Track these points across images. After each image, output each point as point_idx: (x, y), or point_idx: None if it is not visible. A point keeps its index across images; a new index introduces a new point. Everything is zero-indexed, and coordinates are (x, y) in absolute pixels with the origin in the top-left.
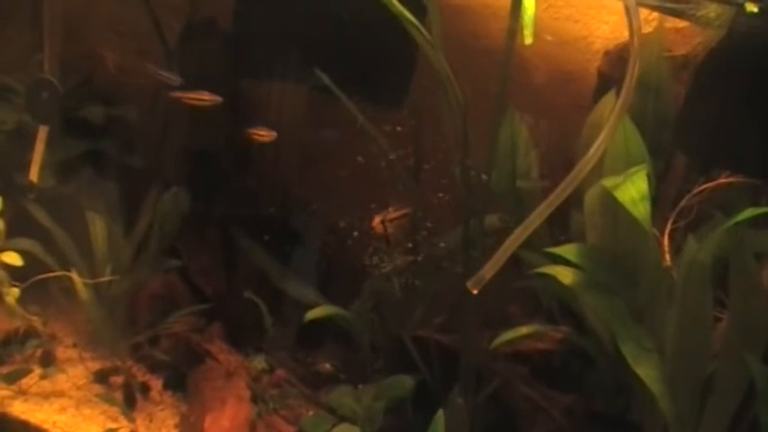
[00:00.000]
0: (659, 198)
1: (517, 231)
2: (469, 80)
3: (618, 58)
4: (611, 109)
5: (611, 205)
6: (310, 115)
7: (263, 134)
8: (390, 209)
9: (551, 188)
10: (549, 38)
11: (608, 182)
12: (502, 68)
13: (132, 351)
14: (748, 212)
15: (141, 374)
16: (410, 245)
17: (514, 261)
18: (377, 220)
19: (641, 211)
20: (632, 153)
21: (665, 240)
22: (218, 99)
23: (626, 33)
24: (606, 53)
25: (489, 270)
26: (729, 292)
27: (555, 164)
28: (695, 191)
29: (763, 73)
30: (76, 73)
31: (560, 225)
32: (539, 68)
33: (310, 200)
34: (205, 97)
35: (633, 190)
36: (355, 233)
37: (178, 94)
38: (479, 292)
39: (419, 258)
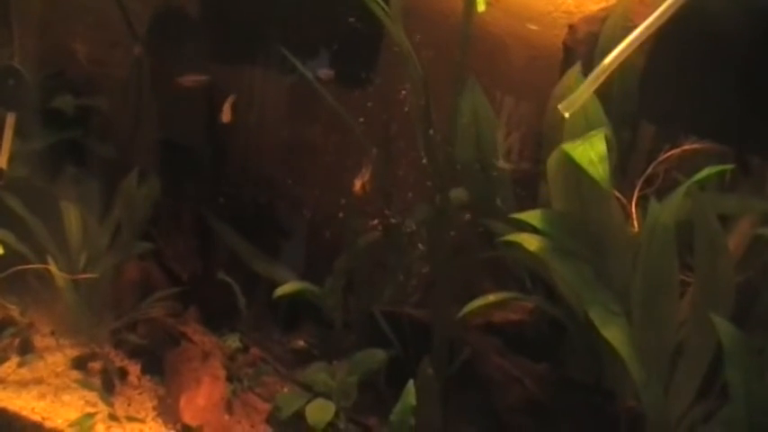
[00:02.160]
0: (628, 168)
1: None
2: (437, 57)
3: (582, 32)
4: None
5: (574, 171)
6: (282, 98)
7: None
8: (363, 170)
9: (529, 170)
10: (533, 27)
11: (567, 146)
12: (462, 38)
13: (110, 337)
14: (705, 171)
15: (119, 360)
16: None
17: (485, 233)
18: (358, 183)
19: (600, 171)
20: (591, 119)
21: (633, 208)
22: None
23: (591, 7)
24: (570, 27)
25: (581, 93)
26: (695, 255)
27: (522, 137)
28: (660, 158)
29: (720, 36)
30: (48, 65)
31: (529, 198)
32: (505, 45)
33: (284, 182)
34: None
35: (592, 152)
36: (331, 211)
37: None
38: (451, 267)
39: (389, 233)
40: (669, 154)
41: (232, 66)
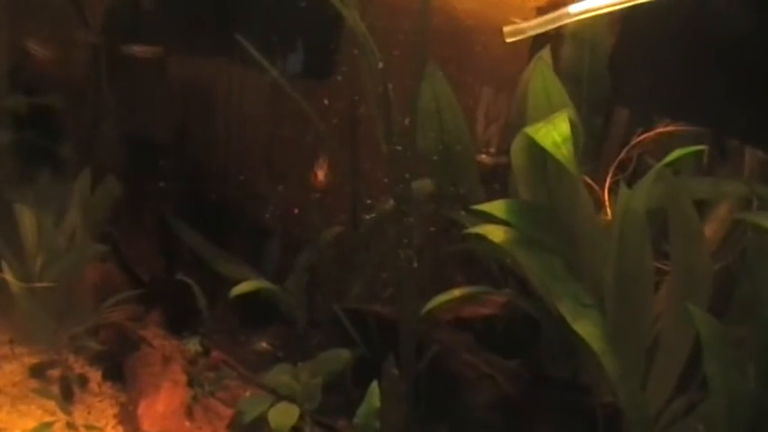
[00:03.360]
0: (600, 154)
1: None
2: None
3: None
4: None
5: (539, 156)
6: (243, 92)
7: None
8: (321, 159)
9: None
10: (515, 20)
11: (529, 129)
12: (420, 20)
13: (70, 343)
14: (676, 153)
15: (80, 366)
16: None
17: (452, 225)
18: (319, 174)
19: (564, 153)
20: (553, 102)
21: (606, 195)
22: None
23: None
24: (539, 9)
25: (533, 25)
26: (670, 242)
27: (500, 130)
28: (633, 142)
29: (695, 11)
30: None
31: (499, 190)
32: (472, 29)
33: (248, 177)
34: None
35: (555, 133)
36: (294, 209)
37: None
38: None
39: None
40: (642, 137)
41: (193, 58)
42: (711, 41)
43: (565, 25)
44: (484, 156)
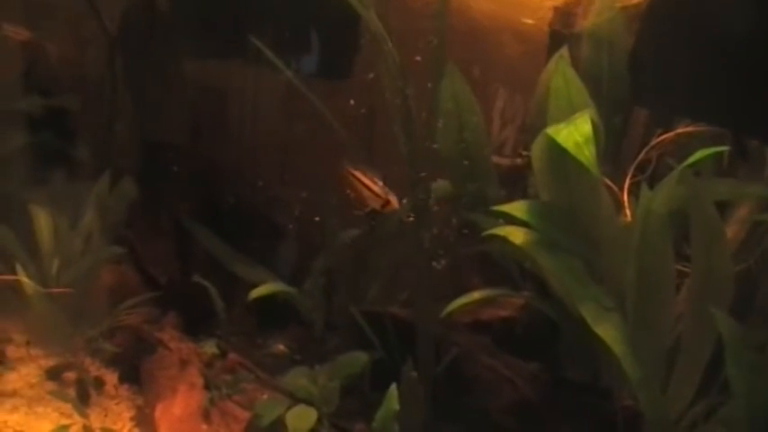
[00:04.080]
0: (620, 155)
1: None
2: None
3: (568, 14)
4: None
5: (559, 157)
6: (259, 94)
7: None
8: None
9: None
10: (528, 21)
11: (551, 129)
12: (438, 22)
13: (86, 346)
14: (698, 154)
15: (96, 369)
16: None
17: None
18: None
19: (586, 154)
20: (575, 102)
21: (625, 196)
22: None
23: None
24: (556, 9)
25: None
26: (691, 244)
27: (517, 131)
28: (652, 143)
29: (716, 11)
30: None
31: (519, 190)
32: (490, 29)
33: (263, 181)
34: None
35: (577, 134)
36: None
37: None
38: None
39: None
40: (662, 138)
41: (209, 60)
42: (733, 40)
43: (582, 25)
44: (500, 157)
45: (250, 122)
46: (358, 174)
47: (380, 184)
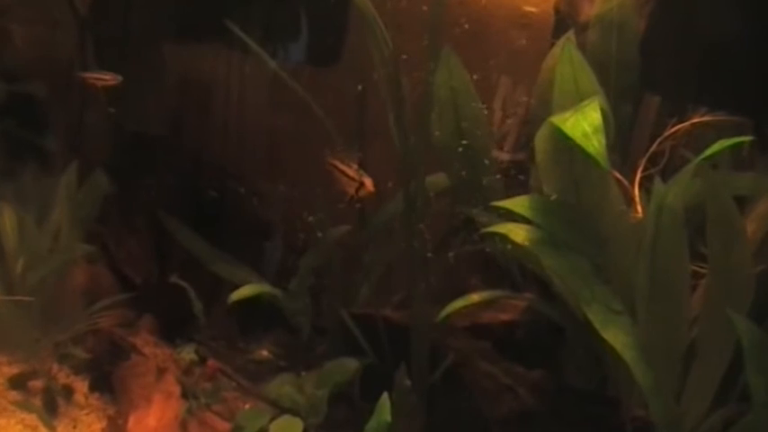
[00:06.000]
0: (630, 146)
1: None
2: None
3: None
4: None
5: (565, 148)
6: (243, 80)
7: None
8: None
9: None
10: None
11: (556, 118)
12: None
13: (54, 351)
14: (717, 146)
15: (64, 376)
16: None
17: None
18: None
19: (595, 145)
20: (582, 89)
21: (636, 191)
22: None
23: None
24: None
25: None
26: (708, 242)
27: (520, 123)
28: (666, 134)
29: None
30: None
31: (519, 185)
32: (493, 13)
33: (249, 174)
34: (107, 77)
35: (585, 123)
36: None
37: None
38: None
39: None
40: (676, 129)
41: (185, 44)
42: (755, 22)
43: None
44: (500, 151)
45: (234, 110)
46: (337, 163)
47: (354, 167)
